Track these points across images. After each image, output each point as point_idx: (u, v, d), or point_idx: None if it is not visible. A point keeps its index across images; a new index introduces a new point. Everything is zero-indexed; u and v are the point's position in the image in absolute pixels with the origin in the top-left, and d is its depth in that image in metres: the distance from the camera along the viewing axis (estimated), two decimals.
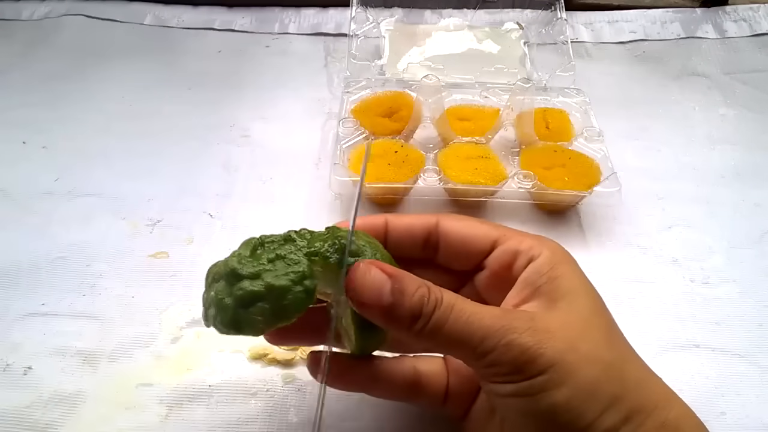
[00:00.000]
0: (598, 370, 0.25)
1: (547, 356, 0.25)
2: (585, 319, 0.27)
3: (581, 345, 0.26)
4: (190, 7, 0.70)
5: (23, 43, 0.66)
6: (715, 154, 0.54)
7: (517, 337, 0.25)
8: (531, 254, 0.29)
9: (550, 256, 0.29)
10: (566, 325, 0.26)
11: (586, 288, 0.29)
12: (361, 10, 0.63)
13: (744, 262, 0.45)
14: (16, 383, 0.36)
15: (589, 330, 0.27)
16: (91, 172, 0.51)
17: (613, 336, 0.28)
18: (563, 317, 0.27)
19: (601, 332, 0.27)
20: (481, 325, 0.26)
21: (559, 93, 0.55)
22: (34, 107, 0.57)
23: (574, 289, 0.28)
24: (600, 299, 0.29)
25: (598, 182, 0.46)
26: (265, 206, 0.48)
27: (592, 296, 0.29)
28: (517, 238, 0.31)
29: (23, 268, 0.43)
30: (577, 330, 0.26)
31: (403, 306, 0.26)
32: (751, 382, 0.38)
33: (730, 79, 0.62)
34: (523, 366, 0.25)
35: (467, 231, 0.32)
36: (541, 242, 0.30)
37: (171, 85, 0.61)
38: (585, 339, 0.26)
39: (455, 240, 0.32)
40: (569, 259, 0.30)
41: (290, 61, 0.64)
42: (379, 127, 0.51)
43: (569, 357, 0.25)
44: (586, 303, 0.28)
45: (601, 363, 0.26)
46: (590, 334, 0.27)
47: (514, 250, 0.30)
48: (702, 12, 0.70)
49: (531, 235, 0.31)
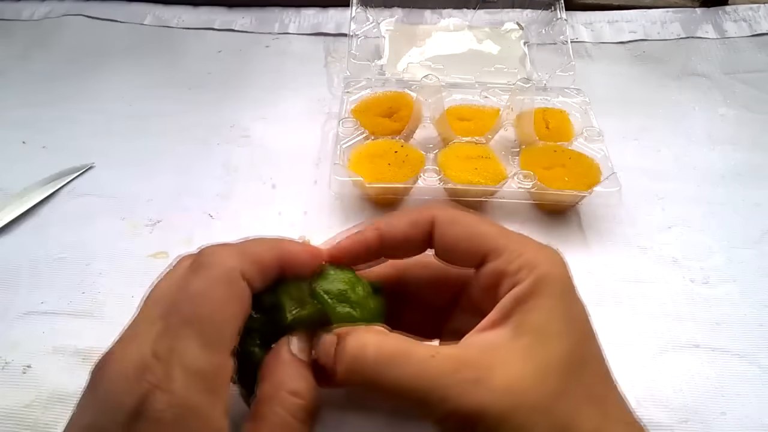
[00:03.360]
0: (545, 429, 0.24)
1: (489, 420, 0.24)
2: (545, 363, 0.25)
3: (532, 398, 0.24)
4: (190, 7, 0.70)
5: (23, 43, 0.66)
6: (715, 154, 0.54)
7: (457, 401, 0.24)
8: (517, 278, 0.27)
9: (534, 282, 0.27)
10: (520, 375, 0.25)
11: (563, 322, 0.26)
12: (361, 10, 0.63)
13: (744, 262, 0.45)
14: (16, 382, 0.36)
15: (545, 376, 0.25)
16: (91, 172, 0.51)
17: (574, 379, 0.25)
18: (521, 362, 0.25)
19: (559, 377, 0.25)
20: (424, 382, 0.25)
21: (559, 93, 0.55)
22: (34, 107, 0.57)
23: (545, 324, 0.26)
24: (578, 332, 0.27)
25: (598, 182, 0.46)
26: (265, 206, 0.48)
27: (565, 331, 0.26)
28: (508, 256, 0.28)
29: (23, 267, 0.43)
30: (531, 378, 0.24)
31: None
32: (751, 382, 0.38)
33: (730, 79, 0.62)
34: (466, 429, 0.24)
35: (457, 236, 0.29)
36: (533, 263, 0.27)
37: (171, 85, 0.61)
38: (538, 387, 0.24)
39: (447, 244, 0.30)
40: (555, 286, 0.27)
41: (290, 61, 0.64)
42: (379, 127, 0.51)
43: (515, 418, 0.24)
44: (553, 341, 0.26)
45: (550, 420, 0.24)
46: (545, 382, 0.25)
47: (501, 272, 0.28)
48: (702, 12, 0.70)
49: (527, 250, 0.28)
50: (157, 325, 0.24)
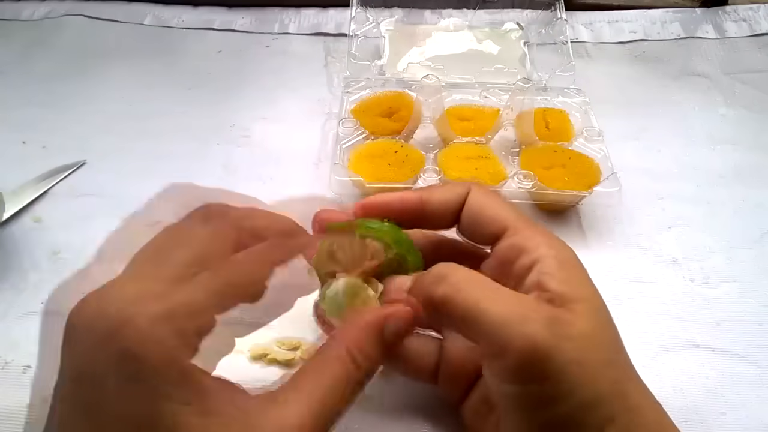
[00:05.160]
0: (603, 388, 0.25)
1: (558, 361, 0.24)
2: (595, 331, 0.26)
3: (594, 357, 0.25)
4: (190, 7, 0.70)
5: (23, 43, 0.66)
6: (715, 154, 0.54)
7: (535, 331, 0.24)
8: (537, 255, 0.28)
9: (559, 259, 0.28)
10: (588, 334, 0.25)
11: (596, 297, 0.28)
12: (361, 10, 0.63)
13: (744, 262, 0.45)
14: (16, 382, 0.36)
15: (601, 342, 0.26)
16: (91, 172, 0.51)
17: (618, 352, 0.27)
18: (585, 323, 0.26)
19: (611, 346, 0.26)
20: (497, 308, 0.25)
21: (559, 93, 0.55)
22: (34, 107, 0.57)
23: (586, 297, 0.27)
24: (607, 310, 0.28)
25: (598, 182, 0.46)
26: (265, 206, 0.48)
27: (601, 307, 0.28)
28: (527, 232, 0.29)
29: (23, 267, 0.43)
30: (593, 341, 0.25)
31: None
32: (751, 382, 0.38)
33: (730, 79, 0.62)
34: (532, 364, 0.24)
35: (483, 211, 0.31)
36: (551, 244, 0.29)
37: (171, 85, 0.61)
38: (597, 351, 0.25)
39: (472, 217, 0.31)
40: (579, 264, 0.29)
41: (290, 61, 0.64)
42: (379, 127, 0.51)
43: (580, 370, 0.24)
44: (595, 314, 0.27)
45: (607, 381, 0.25)
46: (602, 347, 0.26)
47: (519, 247, 0.29)
48: (702, 12, 0.70)
49: (542, 233, 0.30)
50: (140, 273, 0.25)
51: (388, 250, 0.31)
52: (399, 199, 0.32)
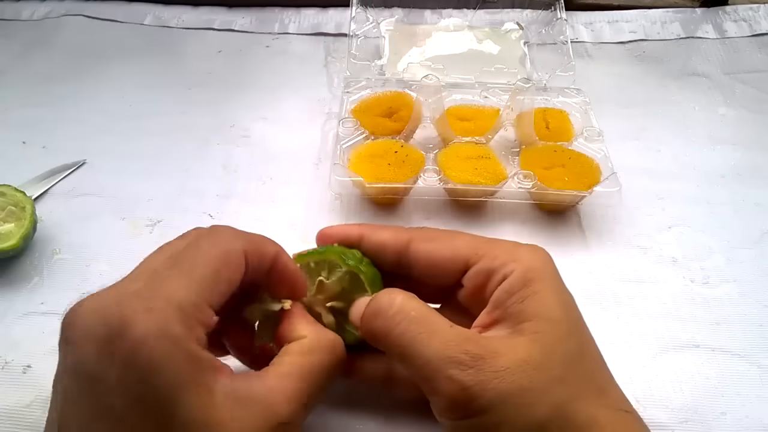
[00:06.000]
0: (541, 412, 0.25)
1: (486, 398, 0.24)
2: (545, 350, 0.26)
3: (531, 384, 0.25)
4: (190, 7, 0.70)
5: (23, 44, 0.66)
6: (715, 154, 0.54)
7: (458, 374, 0.25)
8: (504, 272, 0.28)
9: (524, 273, 0.28)
10: (523, 359, 0.25)
11: (558, 310, 0.27)
12: (361, 10, 0.63)
13: (744, 262, 0.45)
14: (16, 382, 0.36)
15: (545, 364, 0.26)
16: (91, 172, 0.51)
17: (573, 367, 0.26)
18: (524, 347, 0.26)
19: (560, 364, 0.26)
20: (427, 351, 0.26)
21: (559, 93, 0.55)
22: (34, 107, 0.57)
23: (544, 311, 0.27)
24: (573, 320, 0.28)
25: (598, 182, 0.46)
26: (265, 206, 0.48)
27: (562, 319, 0.27)
28: (491, 254, 0.29)
29: (23, 267, 0.43)
30: (532, 365, 0.25)
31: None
32: (751, 382, 0.38)
33: (730, 79, 0.62)
34: (460, 404, 0.25)
35: (435, 255, 0.31)
36: (517, 257, 0.29)
37: (171, 85, 0.61)
38: (537, 375, 0.25)
39: (424, 264, 0.31)
40: (546, 275, 0.28)
41: (290, 61, 0.64)
42: (379, 127, 0.51)
43: (514, 400, 0.24)
44: (551, 330, 0.27)
45: (546, 405, 0.25)
46: (545, 369, 0.25)
47: (486, 270, 0.29)
48: (702, 12, 0.70)
49: (508, 248, 0.30)
50: (144, 275, 0.26)
51: (338, 268, 0.32)
52: (342, 233, 0.34)
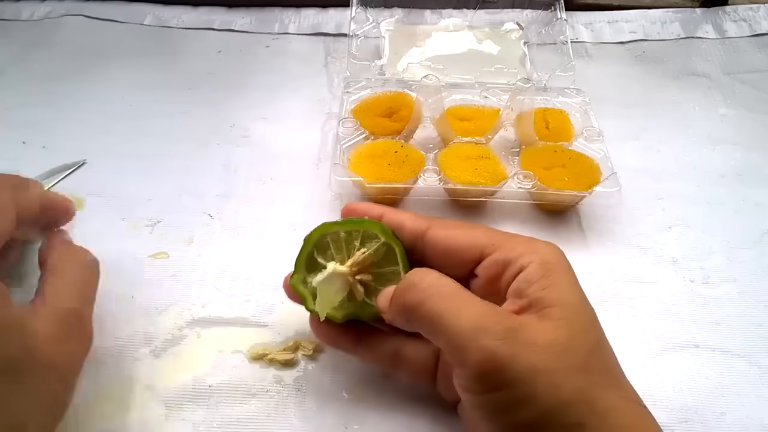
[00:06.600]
0: (566, 394, 0.25)
1: (516, 370, 0.25)
2: (570, 336, 0.26)
3: (558, 365, 0.25)
4: (190, 7, 0.70)
5: (23, 44, 0.66)
6: (715, 154, 0.54)
7: (491, 343, 0.25)
8: (521, 263, 0.29)
9: (542, 264, 0.28)
10: (552, 341, 0.26)
11: (578, 300, 0.28)
12: (361, 10, 0.63)
13: (744, 262, 0.45)
14: None
15: (571, 349, 0.26)
16: (91, 172, 0.51)
17: (594, 356, 0.27)
18: (552, 330, 0.26)
19: (583, 352, 0.26)
20: (458, 321, 0.26)
21: (559, 93, 0.55)
22: (34, 107, 0.57)
23: (565, 301, 0.27)
24: (591, 312, 0.28)
25: (598, 182, 0.46)
26: (265, 206, 0.48)
27: (582, 310, 0.28)
28: (508, 245, 0.30)
29: (23, 266, 0.43)
30: (559, 348, 0.26)
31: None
32: (751, 382, 0.38)
33: (730, 79, 0.62)
34: (489, 373, 0.25)
35: (453, 242, 0.31)
36: (534, 249, 0.29)
37: (171, 86, 0.61)
38: (564, 358, 0.25)
39: (442, 250, 0.32)
40: (563, 268, 0.29)
41: (290, 61, 0.64)
42: (379, 127, 0.51)
43: (540, 378, 0.25)
44: (574, 317, 0.27)
45: (572, 388, 0.25)
46: (571, 354, 0.26)
47: (503, 260, 0.29)
48: (702, 12, 0.70)
49: (524, 241, 0.30)
50: None
51: (375, 239, 0.33)
52: (364, 210, 0.34)
